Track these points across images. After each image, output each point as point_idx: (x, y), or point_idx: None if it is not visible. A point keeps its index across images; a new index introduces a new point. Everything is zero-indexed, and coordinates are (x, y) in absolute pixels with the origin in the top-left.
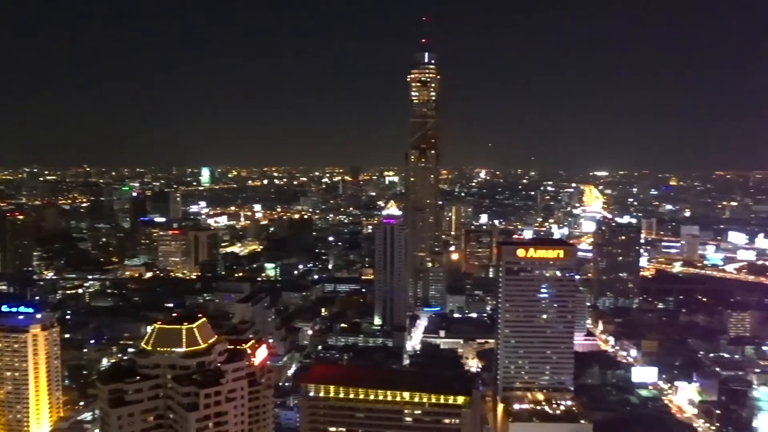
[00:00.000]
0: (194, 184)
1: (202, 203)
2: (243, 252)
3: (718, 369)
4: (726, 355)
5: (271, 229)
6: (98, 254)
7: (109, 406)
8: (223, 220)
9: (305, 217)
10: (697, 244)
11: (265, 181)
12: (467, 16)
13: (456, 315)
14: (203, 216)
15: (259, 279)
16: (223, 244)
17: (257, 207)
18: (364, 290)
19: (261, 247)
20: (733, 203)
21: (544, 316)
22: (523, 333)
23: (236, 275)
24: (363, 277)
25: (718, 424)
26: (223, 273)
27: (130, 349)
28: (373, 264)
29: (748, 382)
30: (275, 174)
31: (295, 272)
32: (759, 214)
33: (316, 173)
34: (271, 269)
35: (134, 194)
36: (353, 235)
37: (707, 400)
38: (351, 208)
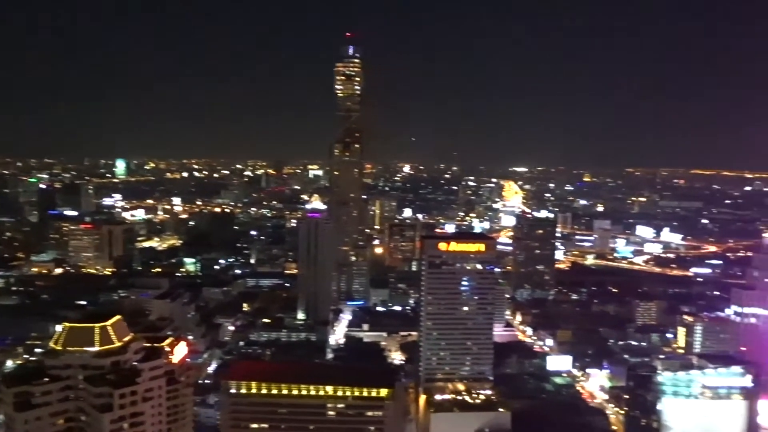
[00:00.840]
0: (108, 176)
1: (117, 196)
2: (161, 247)
3: (626, 356)
4: (634, 343)
5: (191, 223)
6: (2, 249)
7: (15, 410)
8: (139, 214)
9: (226, 210)
10: (609, 238)
11: (185, 174)
12: (395, 10)
13: (379, 308)
14: (118, 209)
15: (178, 274)
16: (139, 239)
17: (176, 200)
18: (287, 285)
19: (180, 241)
20: (642, 199)
21: (465, 308)
22: (445, 325)
23: (154, 271)
24: (286, 272)
25: (626, 408)
26: (140, 269)
27: (38, 350)
28: (296, 258)
29: (653, 367)
30: (195, 166)
31: (216, 267)
32: (665, 209)
33: (238, 166)
34: (190, 264)
35: (42, 186)
36: (276, 229)
37: (616, 386)
38: (274, 202)
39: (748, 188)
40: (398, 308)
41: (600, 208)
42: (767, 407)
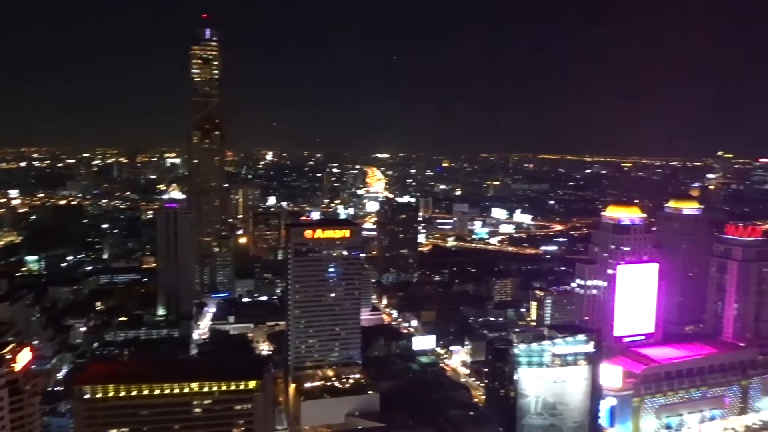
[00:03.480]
0: None
1: None
2: None
3: (485, 332)
4: (492, 319)
5: (33, 217)
6: None
7: None
8: None
9: (74, 203)
10: (467, 220)
11: (23, 163)
12: None
13: (245, 299)
14: None
15: (18, 274)
16: None
17: (13, 193)
18: (145, 280)
19: (20, 238)
20: (496, 182)
21: (333, 295)
22: (313, 312)
23: None
24: (144, 266)
25: (486, 381)
26: None
27: None
28: (155, 251)
29: (509, 341)
30: (35, 155)
31: (64, 265)
32: (516, 192)
33: (86, 154)
34: (33, 263)
35: None
36: (132, 222)
37: (477, 361)
38: (128, 193)
39: (588, 171)
40: (265, 298)
41: (458, 192)
42: (607, 370)
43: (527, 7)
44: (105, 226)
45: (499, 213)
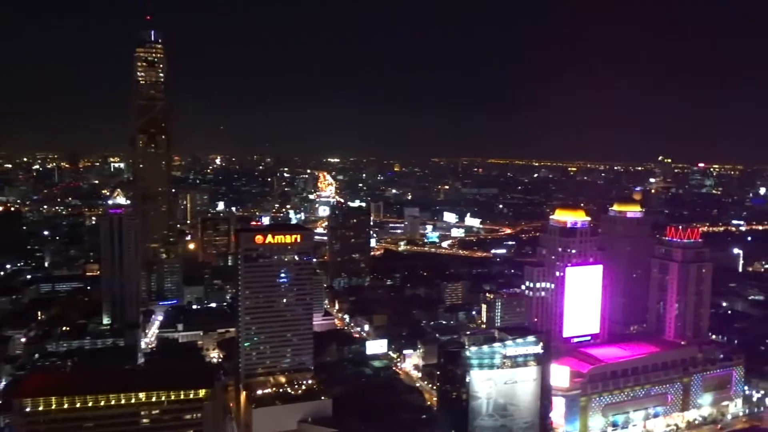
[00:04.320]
0: None
1: None
2: None
3: (437, 335)
4: (443, 322)
5: None
6: None
7: None
8: None
9: (11, 209)
10: (418, 225)
11: None
12: None
13: (194, 306)
14: None
15: None
16: None
17: None
18: (89, 288)
19: None
20: (446, 187)
21: (284, 301)
22: (264, 319)
23: None
24: (87, 274)
25: (438, 383)
26: None
27: None
28: (98, 259)
29: (461, 344)
30: None
31: (2, 273)
32: (466, 196)
33: (25, 159)
34: None
35: None
36: (74, 228)
37: (429, 364)
38: (70, 198)
39: (536, 175)
40: (214, 305)
41: (409, 197)
42: (556, 370)
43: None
44: (46, 233)
45: (449, 217)
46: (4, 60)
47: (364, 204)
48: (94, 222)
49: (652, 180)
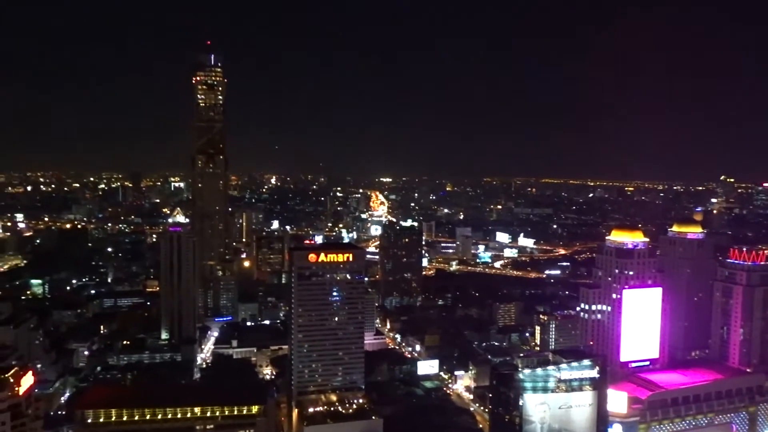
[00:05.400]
0: None
1: None
2: (2, 268)
3: (489, 356)
4: (496, 343)
5: (37, 241)
6: None
7: None
8: None
9: (78, 227)
10: (470, 244)
11: (29, 188)
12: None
13: (249, 323)
14: None
15: (23, 297)
16: None
17: (19, 216)
18: (148, 303)
19: (25, 261)
20: (499, 206)
21: (336, 319)
22: (316, 336)
23: None
24: (147, 290)
25: (490, 406)
26: None
27: None
28: (158, 275)
29: (514, 366)
30: (41, 179)
31: (68, 288)
32: (519, 215)
33: (92, 179)
34: (37, 286)
35: None
36: (135, 245)
37: (481, 386)
38: (132, 217)
39: (591, 195)
40: (268, 322)
41: (461, 216)
42: (613, 395)
43: (531, 33)
44: (109, 249)
45: (502, 237)
46: (74, 85)
47: (415, 223)
48: (154, 239)
49: (713, 200)
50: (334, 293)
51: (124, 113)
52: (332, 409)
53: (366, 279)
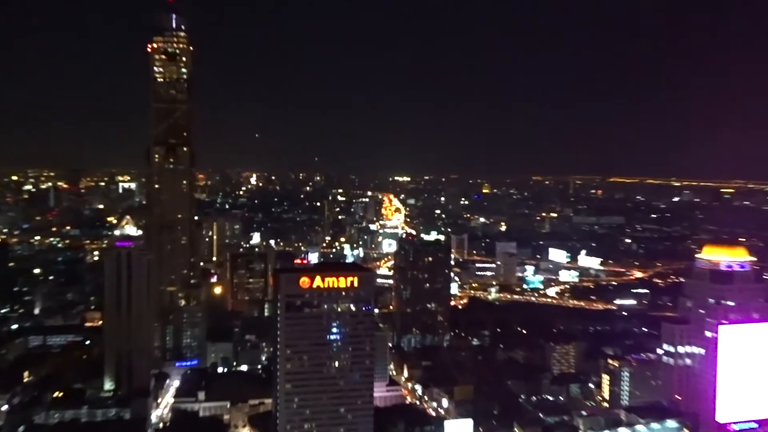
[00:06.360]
0: None
1: None
2: None
3: (541, 414)
4: (549, 397)
5: None
6: None
7: None
8: None
9: None
10: (515, 265)
11: None
12: None
13: (220, 369)
14: None
15: None
16: None
17: None
18: (88, 342)
19: None
20: (553, 214)
21: (336, 364)
22: (310, 388)
23: None
24: (87, 324)
25: None
26: None
27: None
28: (101, 305)
29: (573, 427)
30: None
31: None
32: (580, 227)
33: (14, 177)
34: None
35: None
36: (72, 265)
37: None
38: (68, 228)
39: (676, 199)
40: (245, 368)
41: (503, 228)
42: None
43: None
44: (37, 271)
45: (557, 255)
46: None
47: (442, 237)
48: (96, 258)
49: None
50: (334, 329)
51: (57, 92)
52: None
53: (376, 311)
